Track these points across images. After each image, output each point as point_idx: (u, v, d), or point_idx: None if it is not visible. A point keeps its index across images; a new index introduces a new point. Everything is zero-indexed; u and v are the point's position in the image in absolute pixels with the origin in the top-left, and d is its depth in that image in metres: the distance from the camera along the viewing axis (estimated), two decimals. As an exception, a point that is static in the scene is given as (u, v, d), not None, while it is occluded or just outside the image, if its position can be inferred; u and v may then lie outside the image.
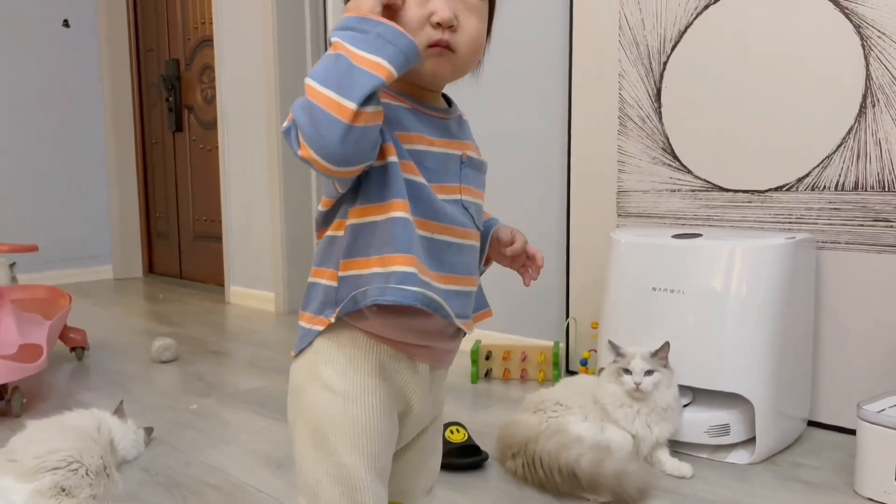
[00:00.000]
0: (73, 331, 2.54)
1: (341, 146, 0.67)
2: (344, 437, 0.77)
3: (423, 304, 0.73)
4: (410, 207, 0.73)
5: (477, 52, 0.79)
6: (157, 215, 4.67)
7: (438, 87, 0.82)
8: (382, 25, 0.69)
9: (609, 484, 1.36)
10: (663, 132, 2.04)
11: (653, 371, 1.54)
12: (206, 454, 1.68)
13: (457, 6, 0.75)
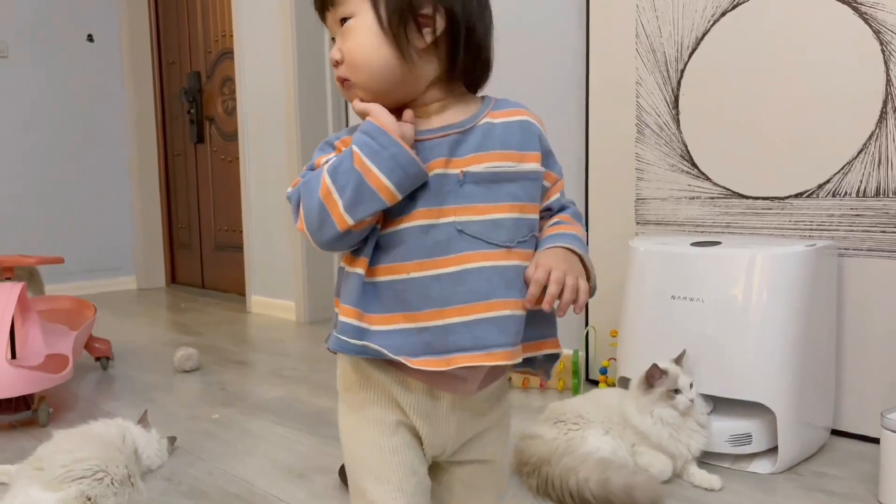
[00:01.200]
0: (97, 341, 2.58)
1: (332, 243, 0.78)
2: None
3: (356, 352, 0.80)
4: (381, 256, 0.79)
5: (365, 65, 0.78)
6: (179, 226, 4.73)
7: (401, 106, 0.80)
8: (397, 147, 0.75)
9: (620, 499, 1.36)
10: (681, 139, 2.03)
11: (691, 382, 1.54)
12: (228, 464, 1.70)
13: (339, 40, 0.80)
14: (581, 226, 0.88)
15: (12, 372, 1.89)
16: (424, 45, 0.78)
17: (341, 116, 3.52)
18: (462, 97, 0.84)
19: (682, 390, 1.53)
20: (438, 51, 0.80)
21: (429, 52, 0.79)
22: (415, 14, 0.77)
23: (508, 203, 0.80)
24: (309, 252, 3.48)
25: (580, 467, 1.43)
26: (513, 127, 0.82)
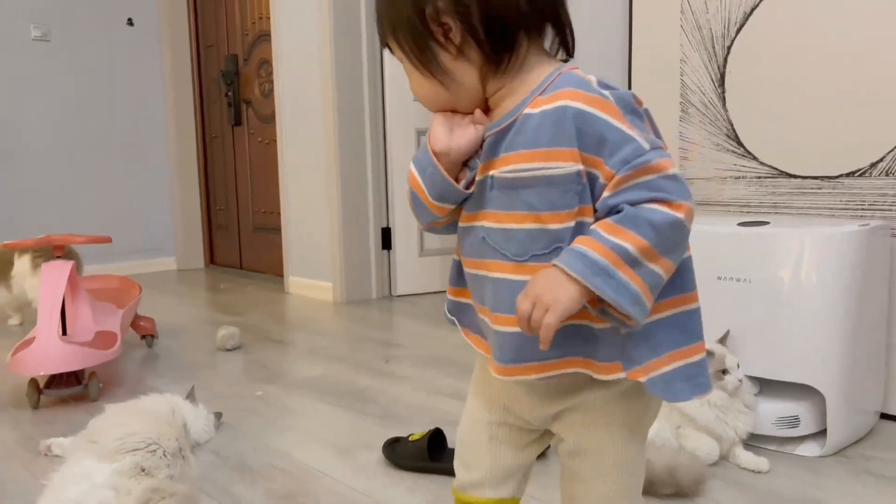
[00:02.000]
0: (143, 319, 2.64)
1: (430, 231, 0.87)
2: None
3: (448, 320, 0.89)
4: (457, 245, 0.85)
5: (424, 101, 0.81)
6: (217, 208, 4.79)
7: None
8: (433, 168, 0.78)
9: (664, 481, 1.35)
10: (727, 118, 1.99)
11: (738, 362, 1.53)
12: (273, 439, 1.73)
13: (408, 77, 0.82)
14: (625, 229, 0.69)
15: (64, 348, 1.94)
16: (455, 56, 0.76)
17: (377, 98, 3.52)
18: (524, 75, 0.77)
19: (730, 371, 1.51)
20: (469, 48, 0.75)
21: (462, 57, 0.76)
22: (430, 31, 0.75)
23: (522, 212, 0.74)
24: (346, 233, 3.51)
25: None
26: (548, 118, 0.73)
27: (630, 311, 0.69)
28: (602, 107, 0.72)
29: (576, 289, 0.69)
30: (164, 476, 1.34)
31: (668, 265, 0.71)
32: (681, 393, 0.76)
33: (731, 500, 1.36)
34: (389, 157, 3.54)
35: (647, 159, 0.70)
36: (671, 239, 0.70)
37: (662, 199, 0.70)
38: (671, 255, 0.71)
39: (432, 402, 1.97)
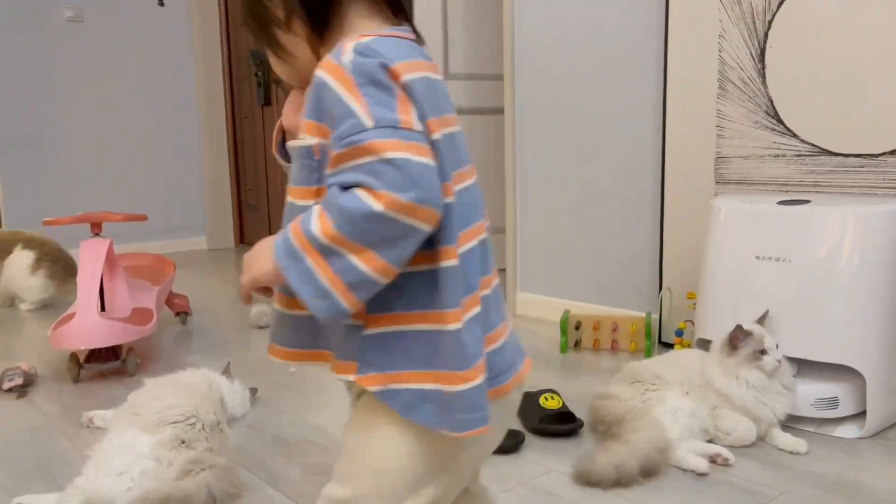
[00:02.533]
0: (177, 297, 2.68)
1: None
2: None
3: None
4: None
5: (284, 74, 0.79)
6: (247, 188, 4.83)
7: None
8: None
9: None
10: (767, 95, 1.95)
11: (777, 343, 1.51)
12: (306, 414, 1.75)
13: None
14: (324, 214, 0.64)
15: (103, 323, 1.98)
16: (286, 31, 0.75)
17: (407, 77, 3.51)
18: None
19: (768, 351, 1.49)
20: (295, 22, 0.75)
21: (291, 32, 0.75)
22: (263, 11, 0.75)
23: (299, 186, 0.72)
24: (375, 213, 3.51)
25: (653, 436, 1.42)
26: (309, 88, 0.70)
27: (310, 304, 0.64)
28: (337, 76, 0.66)
29: (272, 264, 0.66)
30: (202, 448, 1.37)
31: (378, 262, 0.63)
32: (430, 418, 0.69)
33: (769, 480, 1.35)
34: (419, 137, 3.53)
35: (361, 139, 0.62)
36: (370, 231, 0.62)
37: (367, 185, 0.62)
38: (380, 251, 0.63)
39: (464, 381, 1.98)
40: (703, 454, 1.42)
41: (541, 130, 2.63)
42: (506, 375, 0.74)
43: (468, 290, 0.69)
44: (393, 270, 0.65)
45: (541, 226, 2.68)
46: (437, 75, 0.73)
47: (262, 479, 1.40)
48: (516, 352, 0.78)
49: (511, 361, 0.76)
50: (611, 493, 1.31)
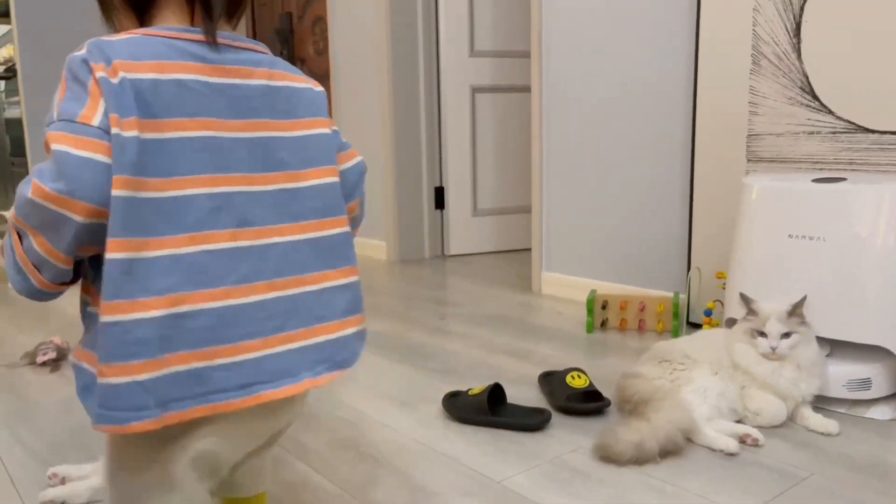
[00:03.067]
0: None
1: None
2: None
3: None
4: None
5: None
6: (272, 167, 4.85)
7: None
8: None
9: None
10: (802, 70, 1.90)
11: (790, 333, 1.47)
12: (336, 390, 1.77)
13: None
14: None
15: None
16: (119, 13, 0.79)
17: (432, 55, 3.49)
18: None
19: (767, 334, 1.47)
20: (120, 5, 0.79)
21: (119, 14, 0.79)
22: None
23: None
24: (400, 193, 3.51)
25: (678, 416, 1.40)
26: None
27: (10, 278, 0.72)
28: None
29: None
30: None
31: (46, 245, 0.68)
32: (92, 403, 0.69)
33: (800, 461, 1.33)
34: (443, 115, 3.52)
35: (46, 131, 0.67)
36: (31, 216, 0.67)
37: (35, 173, 0.66)
38: (46, 235, 0.67)
39: (489, 359, 1.98)
40: (733, 434, 1.40)
41: (568, 108, 2.60)
42: (236, 394, 0.71)
43: (148, 290, 0.67)
44: (60, 254, 0.68)
45: (567, 205, 2.66)
46: (202, 77, 0.72)
47: (291, 454, 1.42)
48: (281, 372, 0.74)
49: (250, 382, 0.72)
50: (639, 471, 1.30)
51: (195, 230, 0.69)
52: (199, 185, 0.70)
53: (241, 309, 0.72)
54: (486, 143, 3.59)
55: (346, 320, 0.80)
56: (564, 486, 1.25)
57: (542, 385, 1.72)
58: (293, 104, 0.78)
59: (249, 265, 0.73)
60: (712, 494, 1.21)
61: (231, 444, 0.76)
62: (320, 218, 0.78)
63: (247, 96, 0.75)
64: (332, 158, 0.81)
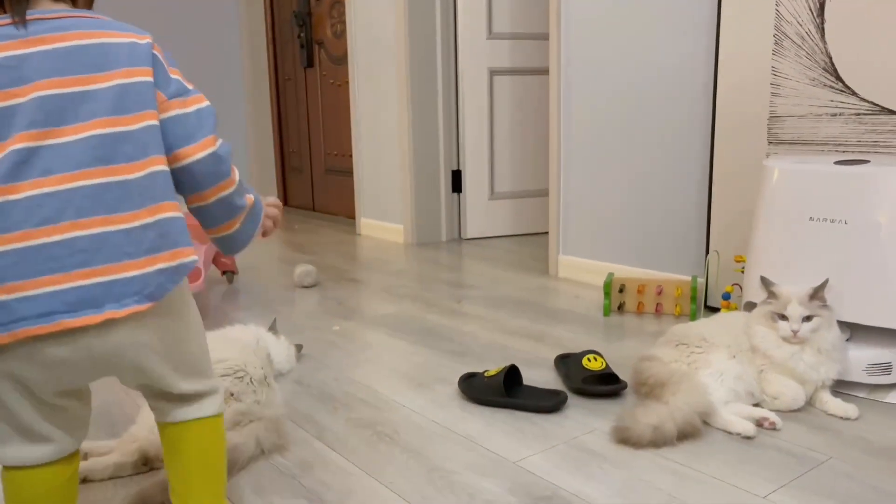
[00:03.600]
0: (224, 256, 2.73)
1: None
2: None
3: None
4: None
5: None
6: (290, 150, 4.86)
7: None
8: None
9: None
10: (825, 51, 1.87)
11: (812, 317, 1.46)
12: (352, 371, 1.78)
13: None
14: None
15: (153, 280, 2.02)
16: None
17: (450, 36, 3.47)
18: None
19: (788, 317, 1.46)
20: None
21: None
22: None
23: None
24: (417, 176, 3.51)
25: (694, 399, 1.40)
26: None
27: None
28: None
29: None
30: (251, 401, 1.40)
31: None
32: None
33: (817, 445, 1.33)
34: (461, 98, 3.50)
35: None
36: None
37: None
38: None
39: (505, 341, 1.98)
40: (750, 418, 1.40)
41: (586, 90, 2.57)
42: (36, 321, 0.81)
43: None
44: None
45: (584, 187, 2.64)
46: (11, 52, 0.83)
47: (308, 433, 1.43)
48: (74, 304, 0.82)
49: (49, 312, 0.81)
50: (655, 454, 1.30)
51: (2, 183, 0.80)
52: (9, 145, 0.81)
53: (43, 248, 0.81)
54: (503, 126, 3.57)
55: (153, 257, 0.86)
56: (580, 468, 1.26)
57: (559, 367, 1.72)
58: (108, 58, 0.86)
59: (52, 209, 0.81)
60: (729, 477, 1.21)
61: (42, 371, 0.85)
62: (131, 161, 0.85)
63: (55, 58, 0.84)
64: (149, 103, 0.88)
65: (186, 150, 0.90)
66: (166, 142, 0.89)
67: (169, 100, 0.90)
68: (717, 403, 1.41)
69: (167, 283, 0.87)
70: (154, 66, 0.89)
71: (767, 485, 1.19)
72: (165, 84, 0.90)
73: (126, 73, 0.87)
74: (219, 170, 0.93)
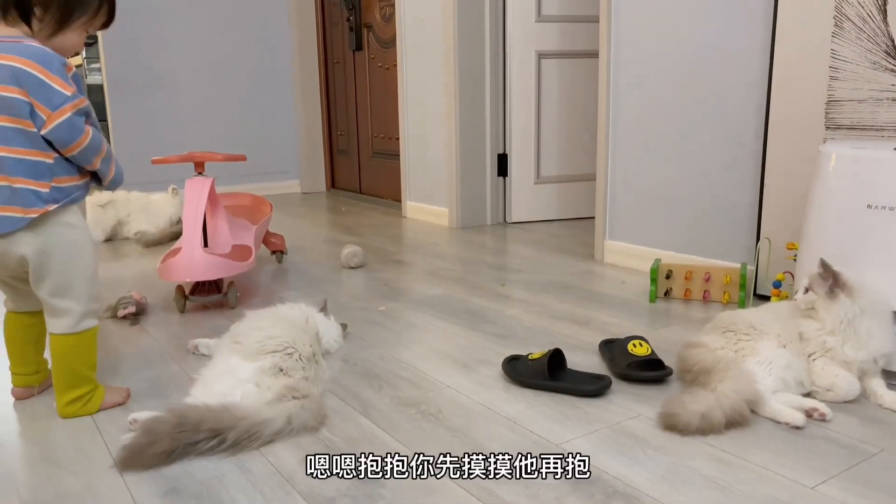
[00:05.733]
0: (273, 236, 2.78)
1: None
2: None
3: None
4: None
5: None
6: (338, 133, 4.91)
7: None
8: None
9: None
10: (888, 33, 1.80)
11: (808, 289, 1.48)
12: (397, 350, 1.81)
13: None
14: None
15: (207, 258, 2.08)
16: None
17: (498, 19, 3.44)
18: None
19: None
20: None
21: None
22: None
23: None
24: (464, 160, 3.51)
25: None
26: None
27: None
28: None
29: None
30: (299, 377, 1.44)
31: None
32: None
33: (869, 437, 1.30)
34: (509, 82, 3.48)
35: None
36: None
37: None
38: None
39: (549, 325, 1.98)
40: (799, 408, 1.38)
41: (636, 73, 2.54)
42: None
43: None
44: None
45: (632, 172, 2.61)
46: None
47: (354, 409, 1.46)
48: None
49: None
50: (701, 440, 1.29)
51: None
52: None
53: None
54: (550, 109, 3.54)
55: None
56: (625, 452, 1.26)
57: (603, 352, 1.72)
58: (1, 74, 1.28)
59: None
60: (776, 467, 1.20)
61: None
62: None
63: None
64: (12, 112, 1.28)
65: (65, 148, 1.35)
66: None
67: (54, 111, 1.29)
68: (766, 392, 1.39)
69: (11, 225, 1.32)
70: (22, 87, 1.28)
71: (816, 475, 1.17)
72: (42, 94, 1.29)
73: (3, 89, 1.28)
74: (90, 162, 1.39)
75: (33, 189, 1.31)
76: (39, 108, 1.29)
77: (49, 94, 1.28)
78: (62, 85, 1.30)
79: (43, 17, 1.34)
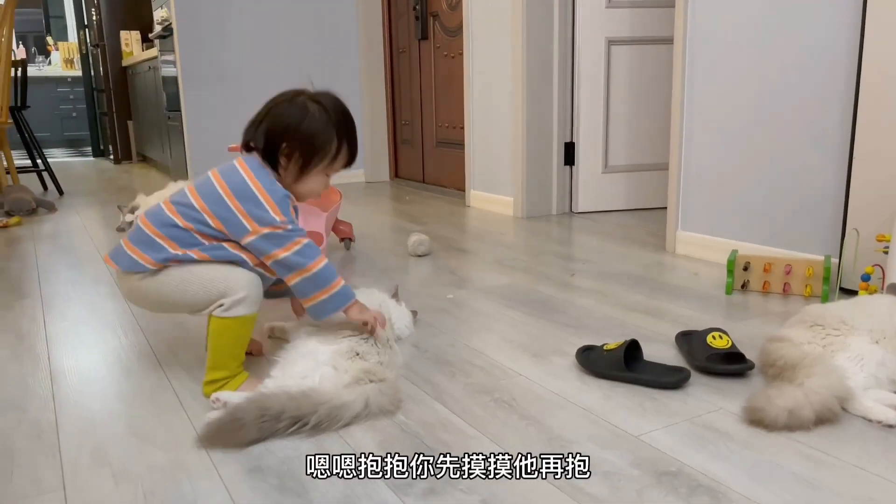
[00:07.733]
0: (342, 223, 2.82)
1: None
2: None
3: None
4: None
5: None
6: (402, 122, 4.93)
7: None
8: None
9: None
10: None
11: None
12: (467, 338, 1.81)
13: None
14: None
15: (280, 244, 2.12)
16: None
17: (568, 7, 3.39)
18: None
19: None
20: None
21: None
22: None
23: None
24: (529, 150, 3.48)
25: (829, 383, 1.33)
26: None
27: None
28: None
29: None
30: (374, 361, 1.45)
31: None
32: None
33: (970, 438, 1.23)
34: (577, 69, 3.43)
35: None
36: None
37: None
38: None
39: (621, 316, 1.95)
40: (892, 406, 1.31)
41: (712, 58, 2.46)
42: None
43: None
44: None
45: (707, 161, 2.54)
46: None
47: (427, 394, 1.47)
48: None
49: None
50: (786, 437, 1.25)
51: None
52: None
53: None
54: (620, 97, 3.47)
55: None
56: (706, 446, 1.23)
57: (680, 344, 1.68)
58: None
59: None
60: (870, 466, 1.15)
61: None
62: None
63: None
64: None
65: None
66: None
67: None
68: (857, 389, 1.33)
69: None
70: None
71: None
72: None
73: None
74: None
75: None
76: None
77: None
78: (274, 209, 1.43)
79: (287, 165, 1.49)
